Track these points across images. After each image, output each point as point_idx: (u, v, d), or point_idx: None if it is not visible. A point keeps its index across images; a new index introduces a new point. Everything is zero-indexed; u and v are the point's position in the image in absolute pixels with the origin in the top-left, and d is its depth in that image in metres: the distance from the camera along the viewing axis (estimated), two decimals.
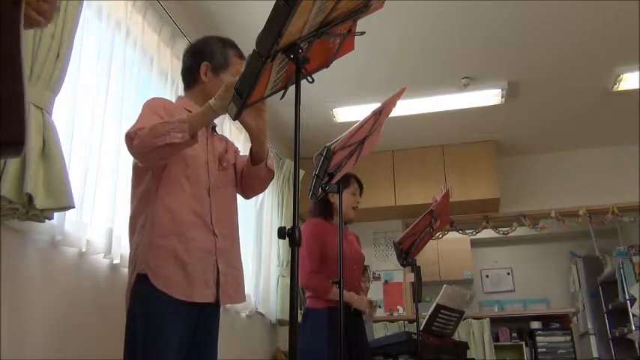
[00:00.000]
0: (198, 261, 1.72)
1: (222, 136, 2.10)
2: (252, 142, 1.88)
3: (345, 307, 2.28)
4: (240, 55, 1.96)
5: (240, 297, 1.88)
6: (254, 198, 2.22)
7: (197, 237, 1.74)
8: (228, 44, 1.97)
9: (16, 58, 0.67)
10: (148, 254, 1.69)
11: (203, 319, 1.76)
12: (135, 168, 1.83)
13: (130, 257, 1.76)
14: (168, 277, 1.67)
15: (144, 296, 1.67)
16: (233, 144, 2.09)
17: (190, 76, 1.96)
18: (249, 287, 3.81)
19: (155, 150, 1.62)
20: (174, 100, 2.83)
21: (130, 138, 1.66)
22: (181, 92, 2.07)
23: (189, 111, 1.78)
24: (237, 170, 2.00)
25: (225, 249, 1.82)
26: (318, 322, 2.58)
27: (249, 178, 1.97)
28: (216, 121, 2.02)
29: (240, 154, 2.10)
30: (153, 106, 1.82)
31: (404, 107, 4.51)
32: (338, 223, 2.88)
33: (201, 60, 1.92)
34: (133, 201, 1.82)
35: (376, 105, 2.09)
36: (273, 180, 2.13)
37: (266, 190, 2.15)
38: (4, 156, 0.70)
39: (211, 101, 1.65)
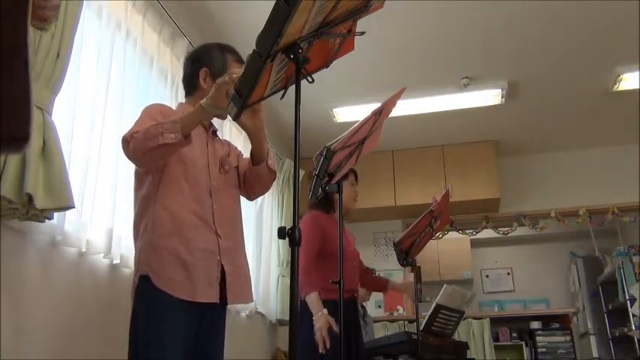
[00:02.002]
0: (199, 261, 1.73)
1: (225, 140, 2.12)
2: (251, 142, 1.89)
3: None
4: (239, 60, 1.97)
5: (247, 296, 1.89)
6: None
7: (198, 237, 1.75)
8: (226, 50, 1.98)
9: (23, 51, 0.66)
10: (150, 255, 1.71)
11: (207, 320, 1.77)
12: (136, 172, 1.86)
13: (134, 260, 1.79)
14: (170, 277, 1.68)
15: (146, 296, 1.69)
16: (236, 148, 2.11)
17: (190, 82, 1.98)
18: None
19: (150, 151, 1.63)
20: (174, 101, 2.85)
21: (126, 142, 1.68)
22: (182, 92, 2.08)
23: None
24: (240, 173, 2.01)
25: (228, 249, 1.83)
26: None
27: (251, 179, 1.99)
28: (217, 123, 2.03)
29: (243, 155, 2.11)
30: (150, 111, 1.84)
31: (404, 107, 4.52)
32: (338, 217, 2.91)
33: (200, 66, 1.94)
34: (136, 205, 1.84)
35: (376, 105, 2.09)
36: None
37: None
38: (5, 151, 0.70)
39: (203, 101, 1.66)
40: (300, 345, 2.50)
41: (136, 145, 1.65)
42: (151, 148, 1.62)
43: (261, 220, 4.30)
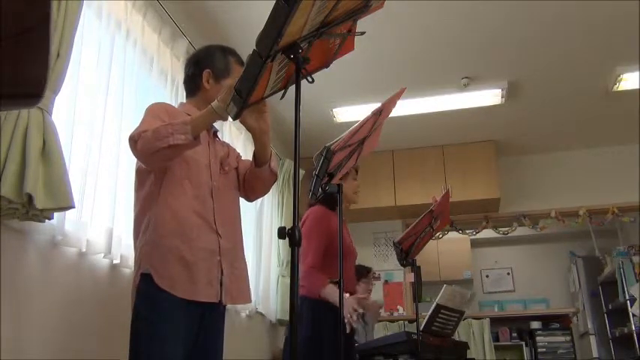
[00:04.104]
0: (201, 261, 1.74)
1: (224, 141, 2.14)
2: (255, 144, 1.90)
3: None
4: (241, 63, 1.99)
5: (244, 297, 1.89)
6: None
7: (200, 237, 1.76)
8: (229, 52, 2.00)
9: (46, 27, 0.67)
10: (152, 254, 1.71)
11: (208, 319, 1.78)
12: (138, 172, 1.85)
13: (134, 259, 1.79)
14: (172, 276, 1.69)
15: (147, 295, 1.69)
16: (235, 149, 2.12)
17: (193, 83, 1.99)
18: None
19: (159, 151, 1.63)
20: (173, 101, 2.85)
21: (134, 141, 1.68)
22: (181, 92, 2.08)
23: None
24: (240, 174, 2.02)
25: (229, 249, 1.83)
26: (317, 312, 2.55)
27: (252, 181, 1.99)
28: (217, 124, 2.04)
29: (241, 155, 2.12)
30: (155, 110, 1.85)
31: (404, 107, 4.52)
32: (339, 217, 2.88)
33: (203, 68, 1.95)
34: (137, 204, 1.84)
35: (376, 105, 2.09)
36: None
37: None
38: (19, 106, 0.73)
39: (214, 103, 1.67)
40: (301, 344, 2.51)
41: (144, 145, 1.65)
42: (161, 149, 1.62)
43: (261, 220, 4.30)
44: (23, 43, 0.66)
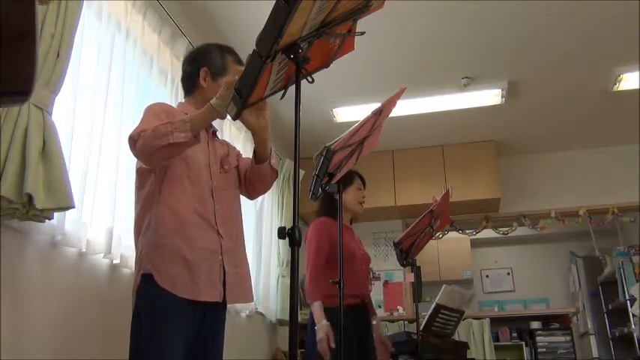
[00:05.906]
0: (202, 260, 1.74)
1: (224, 140, 2.13)
2: (254, 141, 1.90)
3: (348, 308, 2.28)
4: (239, 61, 1.99)
5: (247, 296, 1.89)
6: None
7: (201, 237, 1.76)
8: (226, 50, 2.00)
9: (31, 35, 0.68)
10: (153, 254, 1.71)
11: (209, 319, 1.78)
12: (138, 171, 1.85)
13: (135, 259, 1.79)
14: (173, 276, 1.69)
15: (149, 295, 1.69)
16: (235, 148, 2.12)
17: (190, 82, 1.99)
18: None
19: (159, 150, 1.63)
20: (174, 101, 2.85)
21: (134, 140, 1.67)
22: (181, 92, 2.08)
23: None
24: (240, 172, 2.02)
25: (230, 249, 1.83)
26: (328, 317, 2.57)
27: (253, 178, 1.99)
28: (216, 123, 2.04)
29: (242, 154, 2.12)
30: (154, 109, 1.85)
31: (404, 107, 4.52)
32: (347, 221, 2.91)
33: (200, 66, 1.95)
34: (137, 204, 1.84)
35: (376, 105, 2.09)
36: None
37: None
38: (8, 103, 0.74)
39: (212, 101, 1.67)
40: (309, 351, 2.53)
41: (144, 144, 1.64)
42: (160, 147, 1.62)
43: (261, 220, 4.30)
44: (12, 45, 0.67)
